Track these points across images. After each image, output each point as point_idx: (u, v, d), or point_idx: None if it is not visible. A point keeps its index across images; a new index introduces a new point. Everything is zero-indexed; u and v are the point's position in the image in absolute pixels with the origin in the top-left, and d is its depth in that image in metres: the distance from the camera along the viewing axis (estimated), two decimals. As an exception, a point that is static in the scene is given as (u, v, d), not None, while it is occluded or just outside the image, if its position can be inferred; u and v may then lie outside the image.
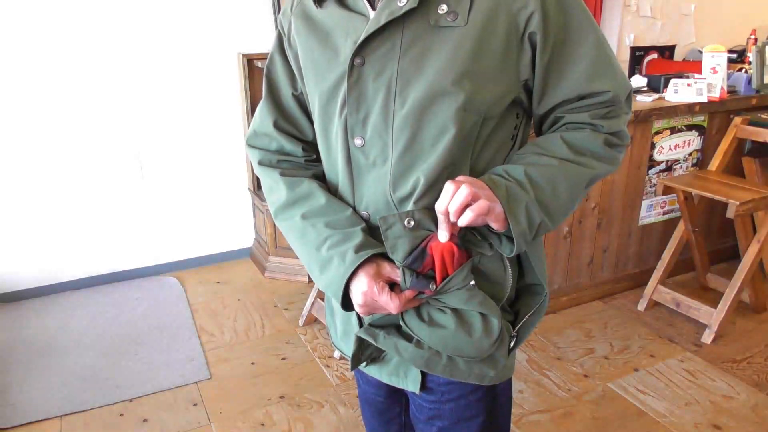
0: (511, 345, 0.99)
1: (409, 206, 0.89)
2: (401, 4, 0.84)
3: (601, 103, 0.91)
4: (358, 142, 0.91)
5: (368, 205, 0.93)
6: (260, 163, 1.04)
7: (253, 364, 2.35)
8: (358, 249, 0.90)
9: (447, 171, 0.88)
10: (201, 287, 3.00)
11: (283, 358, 2.39)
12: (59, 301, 2.86)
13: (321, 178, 1.02)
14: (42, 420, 2.05)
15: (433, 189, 0.88)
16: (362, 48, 0.86)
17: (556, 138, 0.92)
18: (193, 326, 2.62)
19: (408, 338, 0.95)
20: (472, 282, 0.90)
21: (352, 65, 0.87)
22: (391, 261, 0.90)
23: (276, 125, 1.04)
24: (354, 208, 0.96)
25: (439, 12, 0.84)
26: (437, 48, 0.84)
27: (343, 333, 1.07)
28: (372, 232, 0.94)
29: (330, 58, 0.92)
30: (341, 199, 0.98)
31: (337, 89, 0.91)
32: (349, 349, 1.03)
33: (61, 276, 2.95)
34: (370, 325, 0.98)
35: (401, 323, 0.94)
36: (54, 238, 2.89)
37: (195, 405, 2.12)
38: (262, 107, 1.06)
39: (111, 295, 2.91)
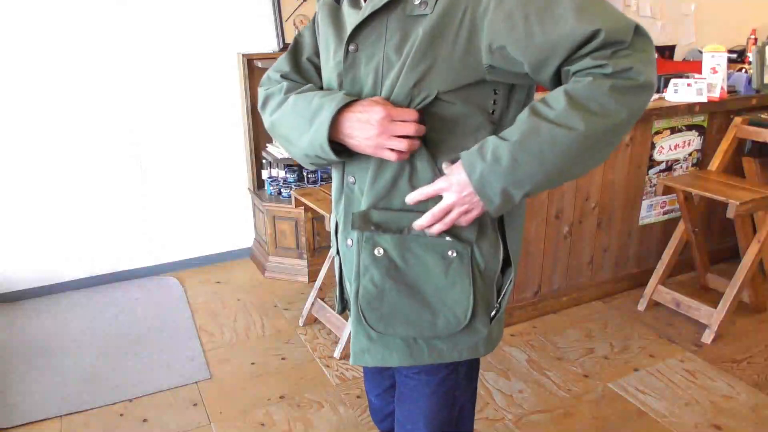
0: (493, 314, 1.11)
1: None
2: None
3: (601, 45, 0.85)
4: None
5: (354, 171, 1.08)
6: (266, 97, 1.15)
7: (253, 364, 2.35)
8: (346, 95, 1.02)
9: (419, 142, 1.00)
10: (201, 287, 3.00)
11: (283, 358, 2.39)
12: (59, 301, 2.86)
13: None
14: (42, 420, 2.05)
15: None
16: (355, 36, 1.01)
17: (558, 92, 0.89)
18: (193, 326, 2.62)
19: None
20: (448, 238, 1.03)
21: (347, 51, 1.02)
22: None
23: (287, 76, 1.15)
24: (344, 174, 1.10)
25: (414, 3, 0.95)
26: (411, 35, 0.96)
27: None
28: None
29: (336, 45, 1.06)
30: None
31: (337, 71, 1.05)
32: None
33: (61, 276, 2.95)
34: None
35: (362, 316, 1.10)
36: (54, 238, 2.88)
37: (195, 405, 2.12)
38: (281, 58, 1.19)
39: (111, 295, 2.91)
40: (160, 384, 2.22)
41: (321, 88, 1.12)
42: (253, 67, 3.01)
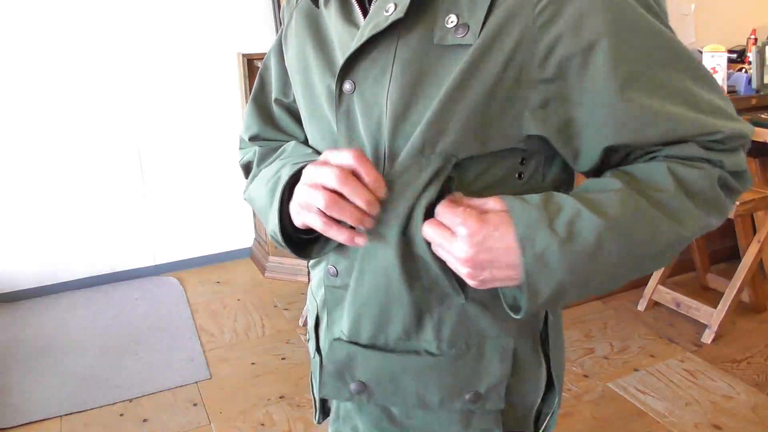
0: None
1: None
2: (387, 14, 0.63)
3: (712, 140, 0.64)
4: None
5: (338, 259, 0.75)
6: (245, 166, 0.92)
7: (253, 364, 2.35)
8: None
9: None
10: (201, 287, 3.00)
11: (283, 358, 2.39)
12: (59, 301, 2.86)
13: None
14: (42, 420, 2.05)
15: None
16: (349, 70, 0.66)
17: (660, 168, 0.63)
18: (193, 326, 2.62)
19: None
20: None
21: (340, 91, 0.68)
22: None
23: (258, 138, 0.89)
24: None
25: (447, 25, 0.62)
26: (435, 73, 0.63)
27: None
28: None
29: (322, 70, 0.72)
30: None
31: (324, 112, 0.72)
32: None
33: (61, 276, 2.95)
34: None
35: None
36: (54, 238, 2.89)
37: (195, 405, 2.12)
38: (248, 109, 0.90)
39: (111, 295, 2.91)
40: (160, 384, 2.22)
41: (305, 138, 0.82)
42: (252, 67, 3.01)
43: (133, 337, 2.54)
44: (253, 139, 0.88)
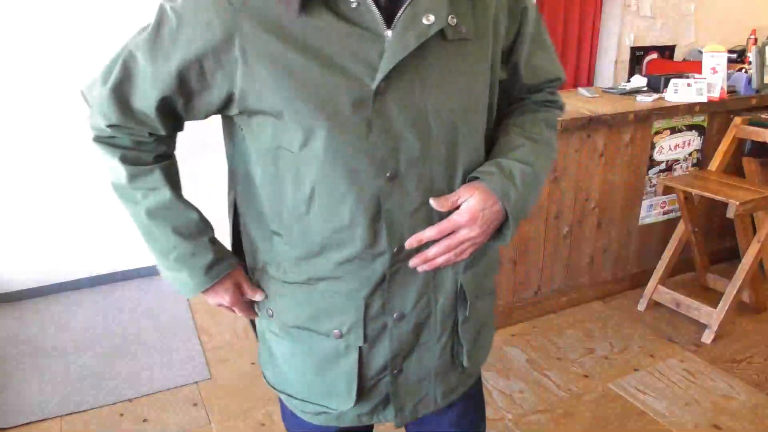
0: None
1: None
2: (428, 23, 0.76)
3: (553, 84, 1.02)
4: (389, 175, 0.81)
5: (403, 237, 0.85)
6: (95, 139, 0.92)
7: (253, 364, 2.35)
8: (209, 268, 0.95)
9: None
10: (201, 287, 2.99)
11: (283, 358, 2.38)
12: (59, 301, 2.86)
13: (164, 160, 0.92)
14: (42, 420, 2.05)
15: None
16: (389, 73, 0.76)
17: (536, 118, 0.98)
18: (193, 326, 2.62)
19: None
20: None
21: (376, 92, 0.77)
22: (244, 269, 1.02)
23: (120, 127, 0.87)
24: (369, 246, 0.85)
25: (450, 23, 0.79)
26: (457, 64, 0.82)
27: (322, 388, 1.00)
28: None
29: (337, 83, 0.76)
30: (352, 241, 0.85)
31: (350, 121, 0.77)
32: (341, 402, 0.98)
33: (61, 276, 2.95)
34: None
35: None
36: (54, 238, 2.88)
37: (195, 405, 2.12)
38: (108, 101, 0.84)
39: (111, 295, 2.91)
40: (160, 384, 2.22)
41: (165, 155, 0.92)
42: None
43: (133, 337, 2.54)
44: (111, 126, 0.88)
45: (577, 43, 3.86)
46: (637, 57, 4.01)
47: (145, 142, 0.89)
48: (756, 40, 3.77)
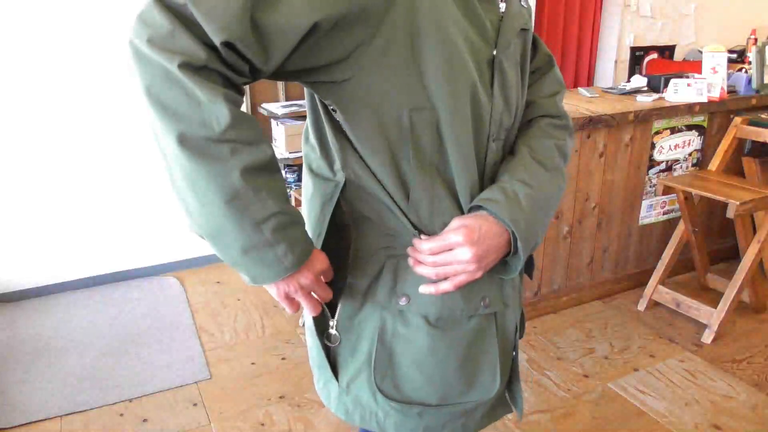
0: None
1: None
2: (525, 6, 0.92)
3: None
4: (502, 134, 0.89)
5: (486, 184, 0.89)
6: (182, 66, 0.66)
7: (253, 364, 2.35)
8: (305, 239, 0.77)
9: None
10: (201, 287, 3.00)
11: (283, 358, 2.39)
12: (59, 301, 2.86)
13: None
14: (42, 420, 2.05)
15: None
16: (499, 40, 0.84)
17: (551, 145, 0.95)
18: (193, 326, 2.62)
19: None
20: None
21: (493, 57, 0.83)
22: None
23: (232, 48, 0.67)
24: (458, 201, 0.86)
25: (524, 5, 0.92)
26: (527, 24, 0.92)
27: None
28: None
29: (481, 33, 0.80)
30: (447, 199, 0.84)
31: (485, 74, 0.81)
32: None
33: (61, 276, 2.95)
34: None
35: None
36: (54, 238, 2.88)
37: (195, 405, 2.12)
38: (236, 7, 0.65)
39: (111, 295, 2.91)
40: (160, 384, 2.22)
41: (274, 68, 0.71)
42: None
43: (133, 337, 2.54)
44: (224, 45, 0.66)
45: (577, 43, 3.87)
46: (637, 57, 4.01)
47: (234, 83, 0.70)
48: (756, 40, 3.77)
